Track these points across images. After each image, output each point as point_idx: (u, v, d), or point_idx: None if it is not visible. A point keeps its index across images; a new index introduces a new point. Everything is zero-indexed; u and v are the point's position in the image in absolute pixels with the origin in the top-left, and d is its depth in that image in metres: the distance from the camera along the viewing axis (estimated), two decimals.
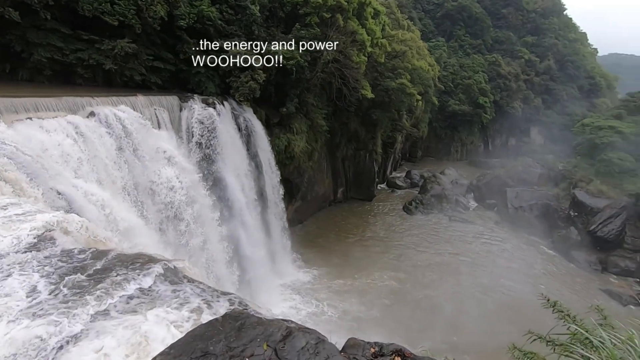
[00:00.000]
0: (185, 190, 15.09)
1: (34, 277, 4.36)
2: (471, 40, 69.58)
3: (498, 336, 17.07)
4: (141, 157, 13.62)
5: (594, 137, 36.88)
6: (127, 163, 12.70)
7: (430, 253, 29.31)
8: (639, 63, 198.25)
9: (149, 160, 14.10)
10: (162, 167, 14.68)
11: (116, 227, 9.21)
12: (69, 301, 4.00)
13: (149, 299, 4.09)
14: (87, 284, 4.31)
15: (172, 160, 15.20)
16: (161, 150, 14.94)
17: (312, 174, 31.25)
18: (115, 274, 4.48)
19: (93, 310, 3.84)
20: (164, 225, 14.23)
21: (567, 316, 3.72)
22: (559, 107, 69.77)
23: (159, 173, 14.37)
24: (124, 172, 12.20)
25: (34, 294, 4.11)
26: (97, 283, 4.32)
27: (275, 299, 21.08)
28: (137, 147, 13.44)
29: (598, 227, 29.93)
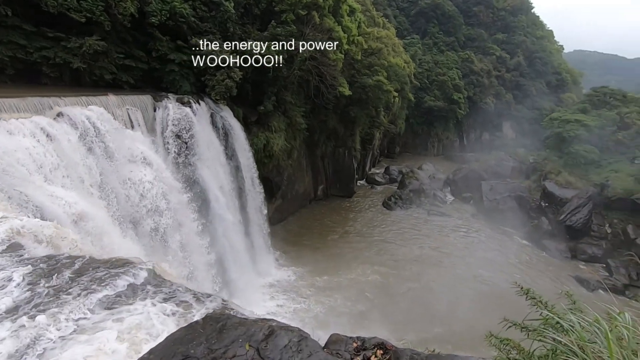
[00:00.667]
0: (160, 191, 14.72)
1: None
2: (445, 38, 71.06)
3: (478, 325, 17.59)
4: (114, 158, 13.18)
5: (562, 130, 38.52)
6: (99, 165, 12.25)
7: (410, 247, 29.85)
8: (601, 59, 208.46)
9: (122, 162, 13.66)
10: (136, 168, 14.25)
11: (88, 230, 8.88)
12: (35, 313, 3.82)
13: (124, 303, 3.97)
14: (54, 293, 4.13)
15: (147, 161, 14.78)
16: (135, 151, 14.50)
17: (292, 172, 31.16)
18: (86, 280, 4.32)
19: (56, 328, 3.63)
20: (139, 227, 13.84)
21: (540, 302, 3.88)
22: (528, 102, 72.40)
23: (133, 174, 13.94)
24: (96, 175, 11.76)
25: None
26: (65, 291, 4.15)
27: (259, 299, 20.94)
28: (110, 148, 12.98)
29: (567, 216, 31.34)
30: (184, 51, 19.86)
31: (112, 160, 13.05)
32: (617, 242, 29.07)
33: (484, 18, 75.65)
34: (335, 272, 24.87)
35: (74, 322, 3.71)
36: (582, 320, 2.73)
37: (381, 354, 2.59)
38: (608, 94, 43.15)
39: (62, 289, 4.13)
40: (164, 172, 15.60)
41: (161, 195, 14.70)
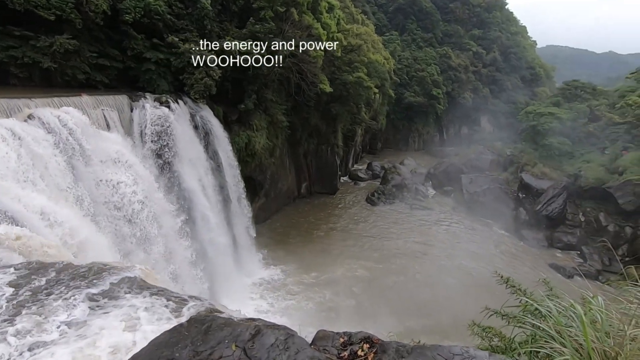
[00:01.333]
0: (140, 193, 14.37)
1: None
2: (423, 34, 71.97)
3: (464, 314, 17.91)
4: (90, 161, 12.77)
5: (536, 123, 39.71)
6: (74, 168, 11.85)
7: (395, 241, 30.26)
8: (572, 54, 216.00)
9: (99, 164, 13.26)
10: (114, 170, 13.86)
11: (64, 236, 8.59)
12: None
13: (102, 311, 3.87)
14: (25, 303, 3.97)
15: (125, 163, 14.40)
16: (112, 152, 14.10)
17: (275, 171, 30.99)
18: (61, 288, 4.17)
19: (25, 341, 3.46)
20: (119, 231, 13.49)
21: (519, 290, 4.01)
22: (504, 96, 74.31)
23: (111, 176, 13.56)
24: (70, 178, 11.37)
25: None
26: (38, 300, 3.99)
27: (246, 299, 20.80)
28: (85, 150, 12.57)
29: (543, 206, 32.42)
30: (160, 49, 19.41)
31: (88, 163, 12.65)
32: (590, 230, 30.28)
33: (460, 14, 77.02)
34: (322, 268, 24.97)
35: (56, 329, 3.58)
36: (559, 305, 2.83)
37: (367, 347, 2.62)
38: (579, 87, 44.75)
39: (30, 301, 3.98)
40: (142, 172, 15.23)
41: (140, 197, 14.35)
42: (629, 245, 27.64)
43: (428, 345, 2.62)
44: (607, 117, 36.68)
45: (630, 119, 32.14)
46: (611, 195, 29.47)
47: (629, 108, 32.32)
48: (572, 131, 37.64)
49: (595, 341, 2.07)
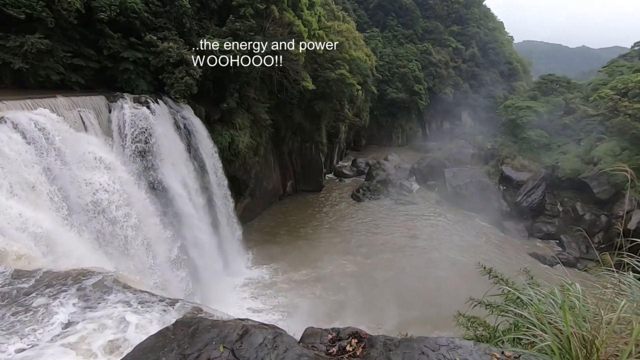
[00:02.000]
0: (120, 195, 14.05)
1: None
2: (403, 31, 72.55)
3: (451, 305, 18.30)
4: (67, 163, 12.39)
5: (515, 117, 40.72)
6: (51, 172, 11.48)
7: (382, 236, 30.56)
8: (547, 49, 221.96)
9: (76, 167, 12.88)
10: (93, 173, 13.49)
11: (40, 242, 8.31)
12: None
13: (83, 319, 3.77)
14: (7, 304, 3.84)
15: (105, 165, 14.03)
16: (91, 155, 13.71)
17: (260, 170, 30.78)
18: (41, 296, 4.05)
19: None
20: (100, 234, 13.15)
21: (501, 280, 4.12)
22: (484, 91, 75.79)
23: (90, 180, 13.19)
24: (45, 183, 11.00)
25: None
26: (16, 311, 3.87)
27: (234, 300, 20.63)
28: (62, 153, 12.18)
29: (523, 198, 33.32)
30: (138, 48, 18.97)
31: (65, 166, 12.27)
32: (568, 219, 31.30)
33: (439, 11, 77.96)
34: (311, 265, 25.02)
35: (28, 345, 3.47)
36: (539, 293, 2.92)
37: (356, 342, 2.64)
38: (554, 81, 46.08)
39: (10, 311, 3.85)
40: (122, 174, 14.88)
41: (121, 199, 14.03)
42: (604, 232, 28.71)
43: (415, 338, 2.67)
44: (581, 109, 37.93)
45: (603, 111, 33.27)
46: (587, 185, 30.53)
47: (601, 100, 33.44)
48: (549, 124, 38.77)
49: (573, 326, 2.15)
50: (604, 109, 33.21)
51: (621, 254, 3.05)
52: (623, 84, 32.75)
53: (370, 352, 2.52)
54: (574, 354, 2.06)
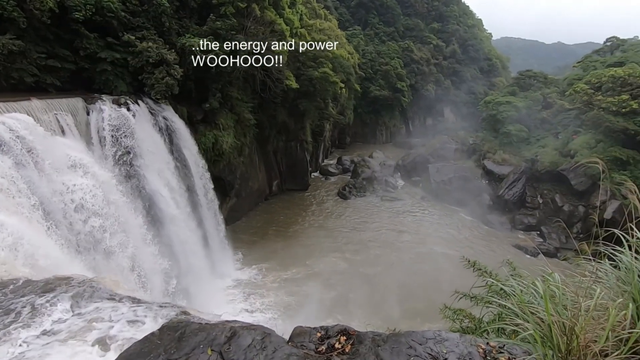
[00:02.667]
0: (102, 199, 13.71)
1: None
2: (385, 28, 73.05)
3: (439, 298, 18.63)
4: (44, 169, 12.00)
5: (496, 112, 41.60)
6: (27, 177, 11.09)
7: (369, 232, 30.81)
8: (524, 45, 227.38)
9: (54, 172, 12.49)
10: (72, 177, 13.11)
11: (18, 250, 8.03)
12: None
13: (65, 326, 3.67)
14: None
15: (84, 169, 13.66)
16: (69, 159, 13.32)
17: (245, 170, 30.53)
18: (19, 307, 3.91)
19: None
20: (81, 240, 12.81)
21: (485, 273, 4.21)
22: (465, 87, 77.11)
23: (69, 184, 12.82)
24: (22, 188, 10.63)
25: None
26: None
27: (223, 302, 20.44)
28: (38, 158, 11.79)
29: (505, 191, 34.13)
30: (116, 49, 18.51)
31: (41, 172, 11.88)
32: (548, 211, 32.21)
33: (420, 8, 78.79)
34: (301, 263, 25.03)
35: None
36: (521, 284, 3.00)
37: (344, 339, 2.66)
38: (532, 76, 47.27)
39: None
40: (103, 178, 14.52)
41: (102, 203, 13.70)
42: (582, 223, 29.69)
43: (402, 332, 2.70)
44: (558, 104, 39.03)
45: (579, 105, 34.36)
46: (565, 177, 31.48)
47: (577, 95, 34.52)
48: (528, 118, 39.76)
49: (554, 314, 2.21)
50: (579, 103, 34.29)
51: (597, 243, 3.16)
52: (597, 78, 33.90)
53: (359, 349, 2.54)
54: (555, 341, 2.13)
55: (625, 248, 2.91)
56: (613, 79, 32.20)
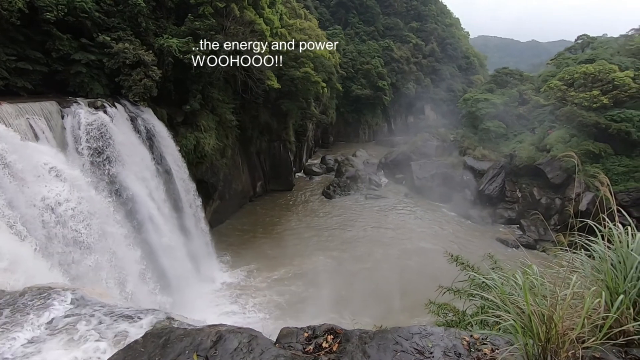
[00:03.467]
0: (80, 206, 13.30)
1: None
2: (365, 28, 73.60)
3: (426, 293, 18.90)
4: (17, 177, 11.56)
5: (475, 109, 42.51)
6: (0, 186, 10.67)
7: (356, 230, 30.98)
8: (500, 43, 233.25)
9: (29, 180, 12.04)
10: (48, 184, 12.67)
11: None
12: None
13: (49, 337, 3.56)
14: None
15: (60, 175, 13.22)
16: (43, 165, 12.87)
17: (228, 172, 30.20)
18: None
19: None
20: (59, 247, 12.40)
21: (468, 267, 4.30)
22: (444, 85, 78.52)
23: (44, 192, 12.38)
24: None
25: None
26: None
27: (210, 306, 20.14)
28: (11, 165, 11.34)
29: (485, 186, 34.92)
30: (90, 50, 18.01)
31: (15, 180, 11.44)
32: (526, 204, 33.15)
33: (399, 7, 79.76)
34: (288, 263, 24.95)
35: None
36: (502, 276, 3.08)
37: (332, 338, 2.67)
38: (508, 74, 48.56)
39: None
40: (81, 184, 14.09)
41: (79, 210, 13.29)
42: (559, 215, 30.68)
43: (389, 329, 2.73)
44: (534, 100, 40.23)
45: (553, 101, 35.49)
46: (542, 171, 32.47)
47: (551, 91, 35.64)
48: (505, 114, 40.82)
49: (533, 305, 2.28)
50: (553, 99, 35.43)
51: (573, 234, 3.28)
52: (569, 75, 35.07)
53: (346, 347, 2.56)
54: (535, 330, 2.20)
55: (598, 238, 3.03)
56: (584, 76, 33.39)
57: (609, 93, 31.52)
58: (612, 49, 41.06)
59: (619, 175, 29.06)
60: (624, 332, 2.47)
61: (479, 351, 2.51)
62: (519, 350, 2.27)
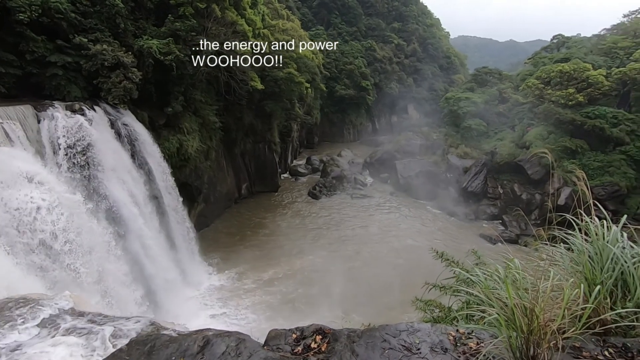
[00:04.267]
0: (60, 213, 12.91)
1: None
2: (347, 28, 73.98)
3: (414, 289, 19.08)
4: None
5: (456, 108, 43.27)
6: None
7: (343, 230, 31.11)
8: (480, 43, 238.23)
9: (4, 187, 11.62)
10: (24, 191, 12.24)
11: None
12: None
13: (28, 348, 3.44)
14: None
15: (37, 181, 12.80)
16: (19, 171, 12.43)
17: (212, 174, 29.84)
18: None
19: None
20: (39, 256, 11.99)
21: (452, 263, 4.38)
22: (426, 84, 79.62)
23: (21, 199, 11.96)
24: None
25: None
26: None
27: (197, 311, 19.86)
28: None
29: (468, 183, 35.60)
30: (67, 52, 17.50)
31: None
32: (508, 200, 33.95)
33: (381, 8, 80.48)
34: (276, 264, 24.90)
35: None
36: (486, 271, 3.15)
37: (320, 339, 2.67)
38: (488, 73, 49.66)
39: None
40: (59, 189, 13.68)
41: (59, 216, 12.90)
42: (539, 210, 31.53)
43: (376, 327, 2.76)
44: (513, 98, 41.23)
45: (531, 99, 36.47)
46: (522, 168, 33.31)
47: (529, 89, 36.61)
48: (486, 113, 41.71)
49: (516, 298, 2.34)
50: (531, 97, 36.41)
51: (553, 228, 3.38)
52: (546, 73, 36.11)
53: (335, 346, 2.56)
54: (518, 323, 2.25)
55: (576, 231, 3.13)
56: (561, 74, 34.43)
57: (584, 91, 32.60)
58: (586, 48, 42.51)
59: (595, 170, 30.10)
60: (602, 322, 2.56)
61: (465, 345, 2.56)
62: (503, 342, 2.32)
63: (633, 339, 2.53)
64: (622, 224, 3.03)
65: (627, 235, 3.04)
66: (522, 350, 2.25)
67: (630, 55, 34.46)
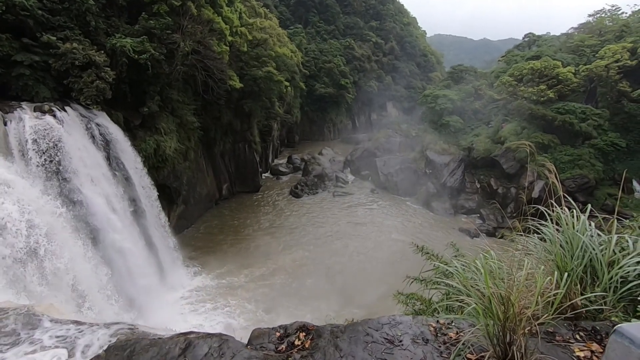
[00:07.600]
0: (30, 219, 12.38)
1: None
2: (325, 27, 74.06)
3: (398, 282, 19.36)
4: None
5: (434, 105, 44.09)
6: None
7: (326, 227, 31.24)
8: (455, 41, 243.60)
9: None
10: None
11: None
12: None
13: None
14: None
15: (4, 186, 12.22)
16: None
17: (191, 175, 29.28)
18: None
19: None
20: (9, 264, 11.47)
21: (432, 256, 4.47)
22: (404, 82, 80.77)
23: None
24: None
25: None
26: None
27: (178, 314, 19.46)
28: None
29: (446, 179, 36.38)
30: (34, 51, 16.77)
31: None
32: (485, 194, 34.92)
33: (358, 7, 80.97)
34: (260, 264, 24.73)
35: None
36: (464, 263, 3.24)
37: (304, 335, 2.68)
38: (464, 70, 50.80)
39: None
40: (30, 195, 13.12)
41: (30, 222, 12.38)
42: (514, 203, 32.57)
43: (359, 321, 2.79)
44: (488, 95, 42.35)
45: (505, 96, 37.60)
46: (497, 163, 34.33)
47: (503, 86, 37.74)
48: (462, 109, 42.70)
49: (493, 287, 2.42)
50: (505, 93, 37.53)
51: (527, 220, 3.51)
52: (518, 71, 37.30)
53: (319, 343, 2.58)
54: (495, 311, 2.33)
55: (548, 222, 3.26)
56: (532, 71, 35.64)
57: (554, 87, 33.89)
58: (555, 47, 44.17)
59: (565, 164, 31.36)
60: (573, 306, 2.68)
61: (445, 335, 2.62)
62: (481, 330, 2.40)
63: (602, 322, 2.66)
64: (588, 214, 3.18)
65: (595, 225, 3.20)
66: (499, 337, 2.33)
67: (596, 53, 36.03)
